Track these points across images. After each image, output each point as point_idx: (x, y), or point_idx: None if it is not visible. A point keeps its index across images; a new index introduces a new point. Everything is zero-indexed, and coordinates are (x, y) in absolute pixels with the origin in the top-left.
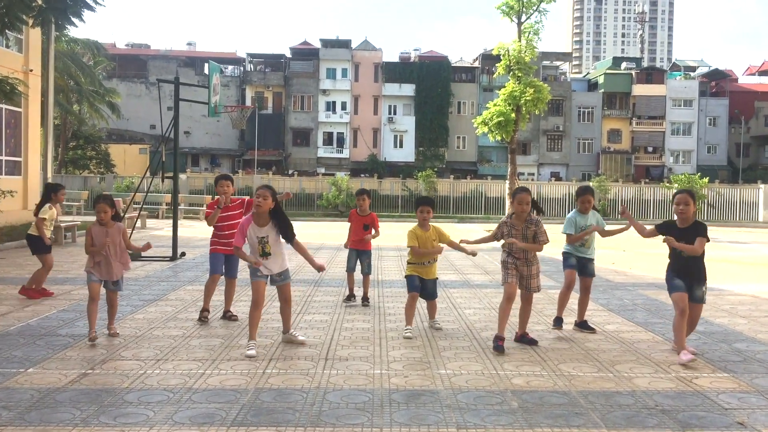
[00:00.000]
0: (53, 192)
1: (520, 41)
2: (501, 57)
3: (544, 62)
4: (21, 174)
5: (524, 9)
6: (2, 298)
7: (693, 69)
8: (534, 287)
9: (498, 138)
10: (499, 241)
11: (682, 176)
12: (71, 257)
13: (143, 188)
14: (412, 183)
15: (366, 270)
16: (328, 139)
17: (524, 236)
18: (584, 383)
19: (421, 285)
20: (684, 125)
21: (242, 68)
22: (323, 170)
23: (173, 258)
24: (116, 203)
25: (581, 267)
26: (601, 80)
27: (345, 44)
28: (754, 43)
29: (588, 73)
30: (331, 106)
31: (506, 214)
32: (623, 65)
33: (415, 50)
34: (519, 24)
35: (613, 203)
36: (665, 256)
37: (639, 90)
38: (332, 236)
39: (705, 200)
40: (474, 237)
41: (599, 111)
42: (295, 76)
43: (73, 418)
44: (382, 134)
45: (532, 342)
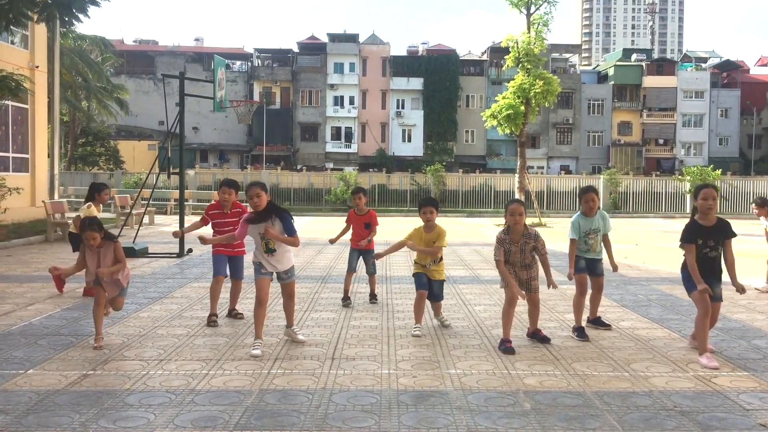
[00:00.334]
0: (96, 192)
1: (530, 33)
2: (510, 49)
3: (554, 54)
4: (28, 171)
5: (533, 0)
6: (7, 296)
7: (704, 60)
8: (535, 287)
9: (507, 131)
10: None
11: (695, 168)
12: (72, 260)
13: (150, 184)
14: (421, 177)
15: (372, 270)
16: (336, 134)
17: (522, 251)
18: (599, 383)
19: (429, 284)
20: (695, 117)
21: (250, 63)
22: (331, 165)
23: (180, 255)
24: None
25: (590, 268)
26: (611, 72)
27: (352, 38)
28: (766, 34)
29: (598, 66)
30: (339, 101)
31: (501, 230)
32: (633, 57)
33: (423, 44)
34: (528, 15)
35: (624, 196)
36: (678, 250)
37: (649, 82)
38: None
39: (718, 192)
40: (480, 238)
41: (609, 103)
42: (303, 71)
43: (72, 422)
44: (391, 128)
45: (545, 339)
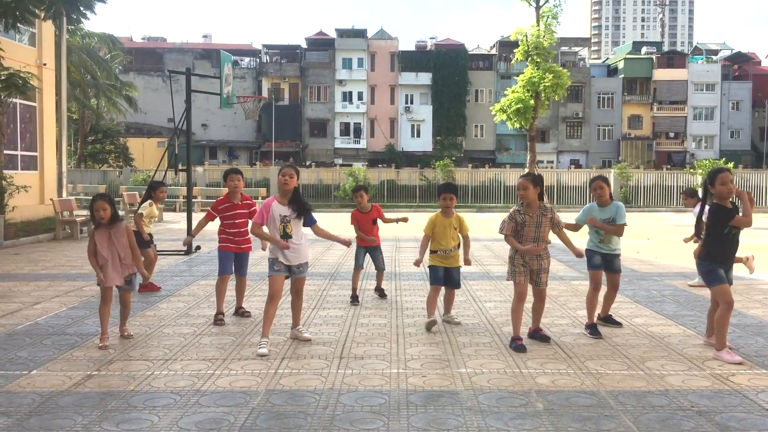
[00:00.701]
0: (153, 190)
1: (539, 26)
2: (519, 42)
3: (563, 48)
4: (37, 169)
5: None
6: (13, 295)
7: (715, 52)
8: (544, 282)
9: (517, 125)
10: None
11: (706, 161)
12: (85, 252)
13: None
14: (430, 172)
15: (381, 266)
16: (345, 130)
17: (538, 224)
18: (613, 382)
19: (445, 274)
20: (706, 110)
21: (258, 60)
22: (340, 161)
23: (188, 252)
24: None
25: (606, 263)
26: (621, 65)
27: (361, 34)
28: None
29: (607, 59)
30: (348, 97)
31: (517, 205)
32: (643, 50)
33: (432, 38)
34: (537, 8)
35: (635, 190)
36: (689, 245)
37: (660, 75)
38: (350, 228)
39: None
40: (490, 233)
41: (619, 97)
42: (311, 67)
43: (74, 425)
44: (399, 124)
45: (545, 339)
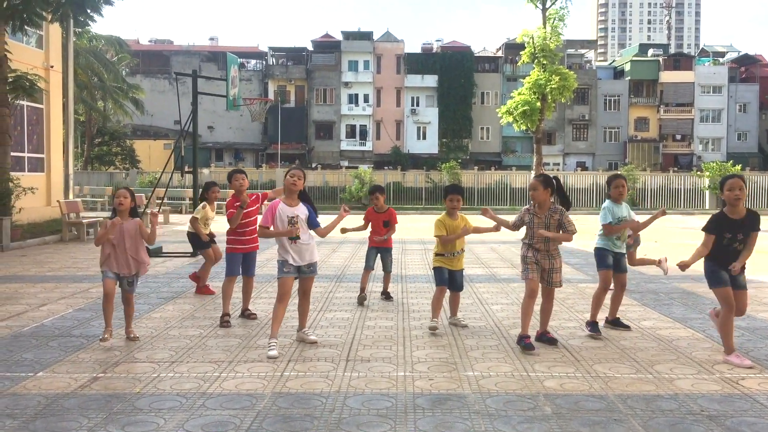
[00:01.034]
0: (206, 191)
1: (545, 28)
2: (525, 45)
3: (569, 50)
4: (44, 171)
5: None
6: (20, 297)
7: (722, 54)
8: (556, 282)
9: (523, 127)
10: (519, 230)
11: (713, 164)
12: (92, 254)
13: (164, 183)
14: (436, 175)
15: (389, 268)
16: (351, 132)
17: (547, 225)
18: (622, 386)
19: (449, 277)
20: (713, 112)
21: (264, 62)
22: (346, 163)
23: (194, 254)
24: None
25: (615, 264)
26: (628, 68)
27: (367, 36)
28: None
29: (614, 61)
30: (354, 99)
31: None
32: (650, 52)
33: (438, 41)
34: (544, 10)
35: (642, 193)
36: (697, 247)
37: (666, 77)
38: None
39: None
40: (496, 236)
41: (626, 99)
42: (317, 69)
43: (80, 427)
44: (405, 126)
45: (552, 342)
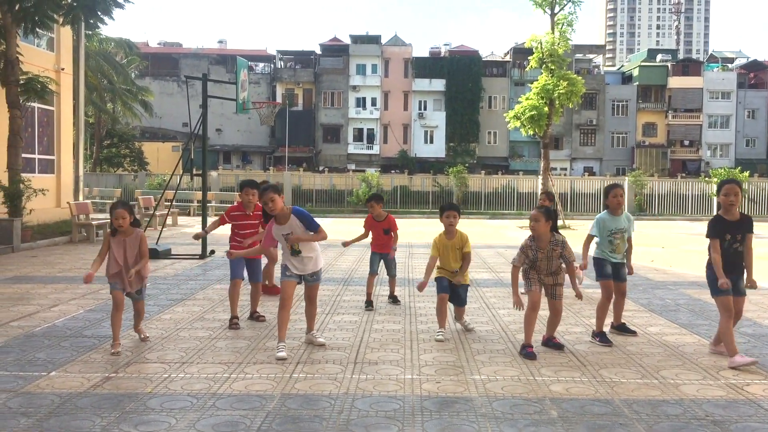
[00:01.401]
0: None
1: (554, 33)
2: (534, 50)
3: (577, 55)
4: (54, 172)
5: (558, 0)
6: (31, 297)
7: (731, 60)
8: (559, 294)
9: (531, 132)
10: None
11: (722, 170)
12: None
13: (173, 186)
14: (443, 179)
15: (393, 272)
16: (359, 136)
17: (549, 258)
18: (628, 391)
19: (451, 291)
20: (722, 118)
21: (272, 65)
22: (353, 166)
23: (202, 256)
24: (147, 200)
25: (614, 272)
26: (636, 73)
27: (375, 40)
28: None
29: (622, 66)
30: (361, 102)
31: (528, 237)
32: (658, 57)
33: (446, 45)
34: (552, 15)
35: (649, 198)
36: (705, 252)
37: (675, 82)
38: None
39: (745, 194)
40: (503, 240)
41: (634, 104)
42: (325, 73)
43: (93, 426)
44: (413, 130)
45: (558, 347)
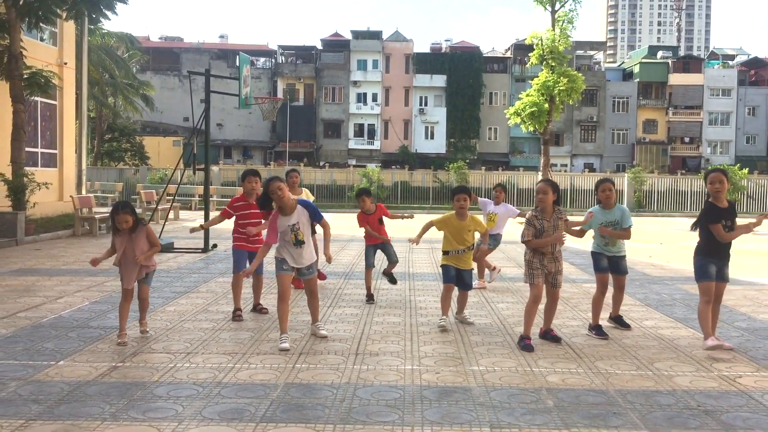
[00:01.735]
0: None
1: (554, 30)
2: (534, 47)
3: (578, 51)
4: (56, 166)
5: None
6: (37, 289)
7: (731, 57)
8: (560, 283)
9: (531, 129)
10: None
11: (721, 167)
12: (105, 248)
13: (175, 180)
14: (444, 174)
15: (394, 258)
16: (359, 131)
17: (555, 227)
18: (622, 382)
19: (457, 275)
20: (722, 115)
21: (273, 60)
22: (354, 162)
23: (205, 250)
24: (149, 194)
25: (613, 266)
26: (637, 69)
27: (376, 35)
28: None
29: (623, 63)
30: (362, 98)
31: (532, 210)
32: (659, 54)
33: (447, 41)
34: (553, 12)
35: (649, 195)
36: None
37: (675, 79)
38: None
39: (744, 191)
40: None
41: (634, 101)
42: (326, 68)
43: (102, 412)
44: (413, 126)
45: (555, 339)
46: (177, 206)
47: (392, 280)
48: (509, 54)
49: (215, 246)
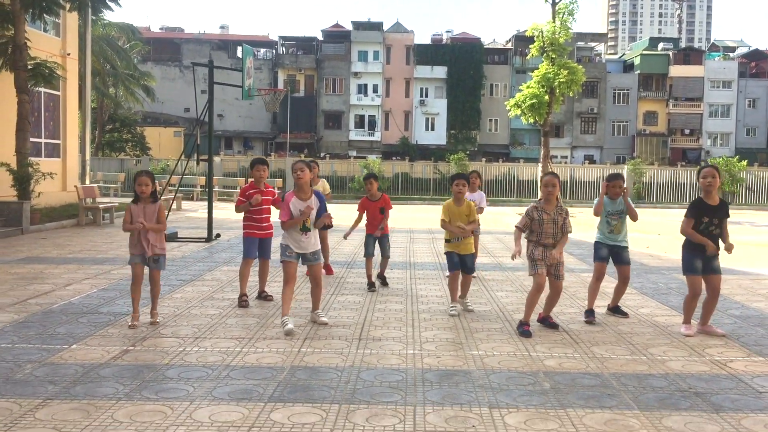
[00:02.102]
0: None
1: (555, 22)
2: (535, 38)
3: (579, 43)
4: (60, 156)
5: None
6: (45, 277)
7: (732, 49)
8: (563, 274)
9: (531, 120)
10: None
11: (720, 159)
12: (109, 238)
13: (178, 171)
14: (444, 166)
15: (387, 253)
16: (360, 122)
17: (554, 221)
18: (617, 366)
19: (460, 261)
20: (722, 107)
21: (274, 51)
22: (355, 153)
23: (208, 239)
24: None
25: (615, 256)
26: (637, 61)
27: (377, 26)
28: None
29: (624, 54)
30: (363, 89)
31: (533, 203)
32: (660, 46)
33: (448, 32)
34: (553, 4)
35: (649, 187)
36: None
37: (676, 71)
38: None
39: (743, 184)
40: (503, 227)
41: (635, 93)
42: (327, 59)
43: (117, 393)
44: (414, 117)
45: (553, 326)
46: (180, 196)
47: (384, 283)
48: (510, 45)
49: (218, 235)
